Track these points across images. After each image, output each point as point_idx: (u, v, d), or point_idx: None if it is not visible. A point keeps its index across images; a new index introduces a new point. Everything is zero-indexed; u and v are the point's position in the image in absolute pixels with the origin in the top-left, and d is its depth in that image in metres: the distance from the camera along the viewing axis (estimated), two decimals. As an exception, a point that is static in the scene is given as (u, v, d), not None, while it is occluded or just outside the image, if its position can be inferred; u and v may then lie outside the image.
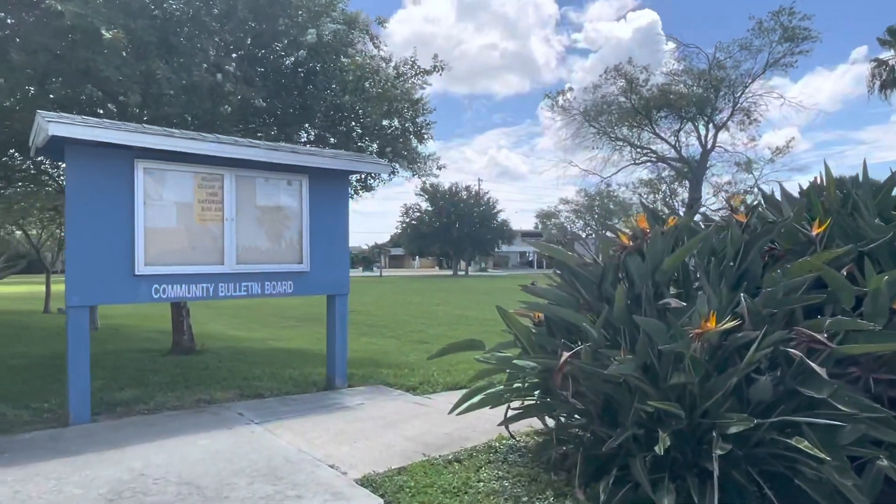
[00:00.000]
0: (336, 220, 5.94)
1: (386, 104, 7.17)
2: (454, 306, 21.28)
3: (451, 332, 13.87)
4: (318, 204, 5.80)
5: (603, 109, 15.84)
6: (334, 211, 5.93)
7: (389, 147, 7.55)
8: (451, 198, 59.44)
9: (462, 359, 8.49)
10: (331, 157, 5.70)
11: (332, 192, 5.92)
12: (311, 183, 5.74)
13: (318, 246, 5.78)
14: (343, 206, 6.00)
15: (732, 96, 14.08)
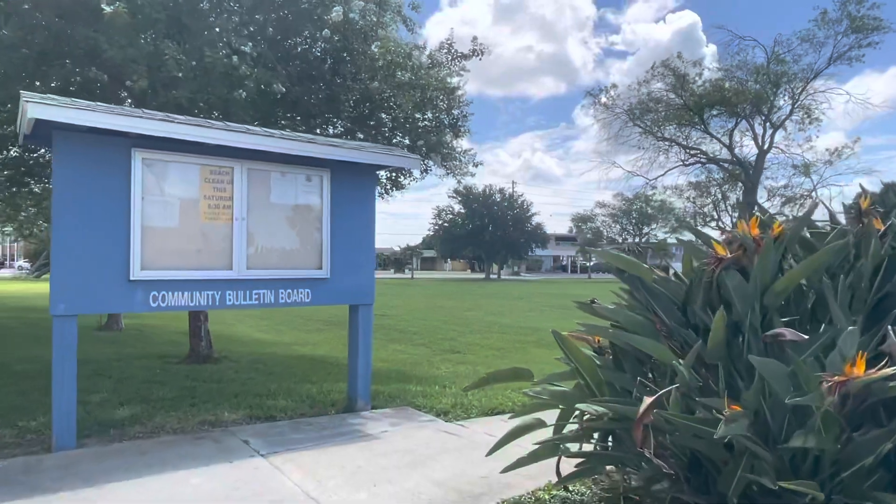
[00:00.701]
0: (361, 221, 5.26)
1: (419, 92, 6.46)
2: (486, 312, 20.52)
3: (483, 340, 13.13)
4: (341, 203, 5.13)
5: (649, 107, 14.86)
6: (359, 211, 5.25)
7: (422, 141, 6.84)
8: (485, 200, 58.64)
9: None
10: (355, 149, 5.02)
11: (357, 189, 5.25)
12: (333, 179, 5.07)
13: (340, 250, 5.10)
14: (369, 206, 5.32)
15: (792, 92, 12.97)
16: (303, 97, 6.47)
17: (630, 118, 15.47)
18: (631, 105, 15.50)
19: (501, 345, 12.42)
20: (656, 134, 15.18)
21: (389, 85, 6.25)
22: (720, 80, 12.67)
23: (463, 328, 15.52)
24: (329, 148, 4.84)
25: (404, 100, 6.37)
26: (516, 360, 10.36)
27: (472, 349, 11.79)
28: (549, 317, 18.92)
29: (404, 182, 8.08)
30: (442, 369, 8.84)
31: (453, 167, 7.94)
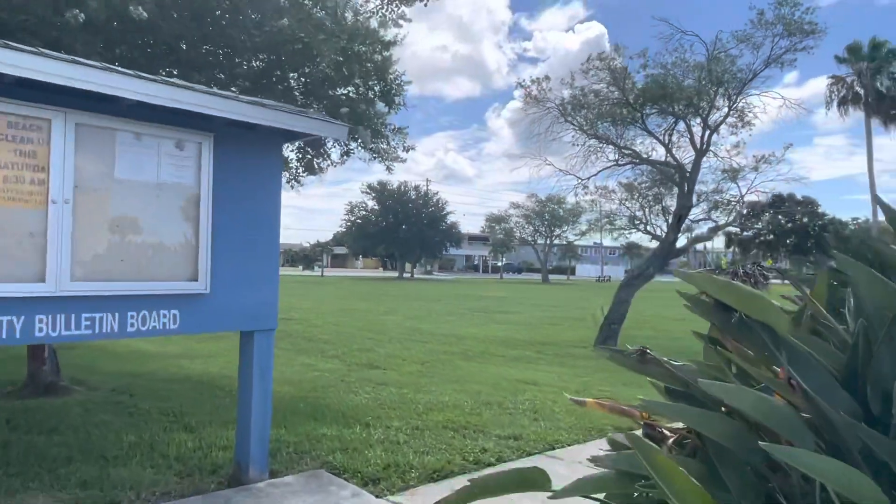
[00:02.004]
0: (260, 212, 3.69)
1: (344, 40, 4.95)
2: (403, 316, 19.07)
3: (404, 351, 11.68)
4: (231, 184, 3.54)
5: (584, 103, 13.93)
6: (258, 197, 3.68)
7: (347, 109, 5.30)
8: (400, 197, 57.13)
9: (438, 400, 5.97)
10: (254, 105, 3.43)
11: (255, 166, 3.67)
12: (218, 148, 3.47)
13: (228, 252, 3.51)
14: (271, 190, 3.75)
15: (728, 94, 12.44)
16: (180, 39, 4.76)
17: (561, 113, 14.44)
18: (563, 100, 14.48)
19: (425, 357, 11.03)
20: (588, 132, 14.24)
21: (303, 28, 4.67)
22: (661, 76, 11.88)
23: (380, 336, 13.99)
24: (214, 99, 3.22)
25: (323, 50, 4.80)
26: (445, 376, 9.01)
27: (392, 363, 10.32)
28: (469, 322, 17.76)
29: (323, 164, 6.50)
30: (361, 394, 7.32)
31: (382, 150, 6.48)
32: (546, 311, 22.79)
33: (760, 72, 12.75)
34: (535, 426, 5.67)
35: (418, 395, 7.29)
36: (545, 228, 60.96)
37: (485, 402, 6.93)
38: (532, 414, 6.32)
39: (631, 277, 12.68)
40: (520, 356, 11.40)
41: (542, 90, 14.70)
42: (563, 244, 65.22)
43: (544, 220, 60.37)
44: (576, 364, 10.55)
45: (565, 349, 12.34)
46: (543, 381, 8.85)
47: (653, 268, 12.82)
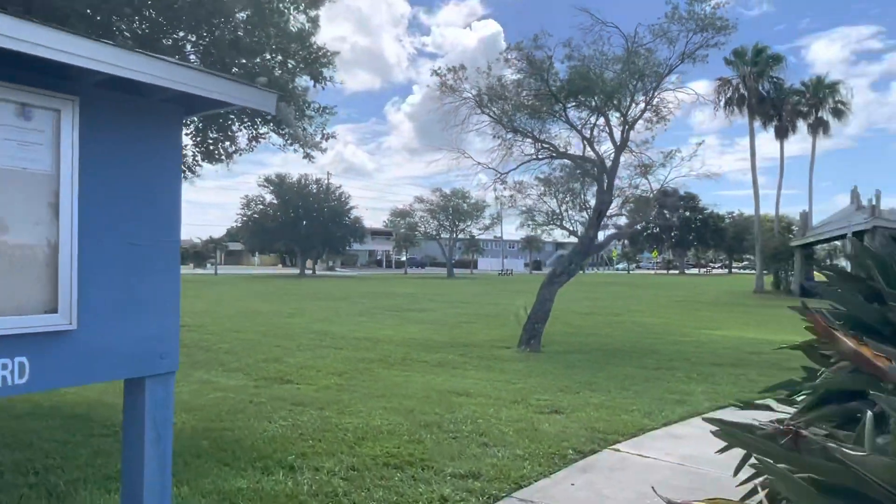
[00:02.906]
0: (153, 208, 2.66)
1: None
2: (310, 317, 17.81)
3: (316, 360, 10.60)
4: (109, 170, 2.49)
5: (501, 94, 13.40)
6: (150, 187, 2.64)
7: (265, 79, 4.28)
8: (300, 191, 54.80)
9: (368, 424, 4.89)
10: (139, 56, 2.38)
11: (145, 145, 2.64)
12: (86, 118, 2.40)
13: (106, 267, 2.46)
14: (169, 179, 2.72)
15: (645, 88, 12.35)
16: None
17: (478, 104, 13.84)
18: (479, 90, 13.89)
19: (341, 366, 10.04)
20: (506, 124, 13.74)
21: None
22: (583, 68, 11.54)
23: (288, 342, 12.78)
24: (75, 41, 2.15)
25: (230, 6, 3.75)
26: (367, 390, 8.10)
27: (306, 375, 9.25)
28: (383, 322, 16.84)
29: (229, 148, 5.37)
30: (277, 421, 6.26)
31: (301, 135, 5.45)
32: (459, 307, 22.30)
33: (676, 67, 12.77)
34: (490, 456, 4.93)
35: (344, 419, 6.35)
36: (450, 223, 60.89)
37: (422, 424, 6.11)
38: (479, 437, 5.58)
39: (553, 275, 12.32)
40: (443, 361, 10.68)
41: (458, 79, 14.02)
42: (466, 238, 65.53)
43: (448, 215, 60.27)
44: (504, 368, 9.98)
45: (489, 351, 11.76)
46: (476, 390, 8.17)
47: (575, 264, 12.54)
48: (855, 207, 34.96)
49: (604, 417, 6.51)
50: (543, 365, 10.26)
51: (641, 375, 9.39)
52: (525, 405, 7.29)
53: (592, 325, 16.94)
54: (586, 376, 9.22)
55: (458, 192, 59.66)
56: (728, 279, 64.84)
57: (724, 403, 7.53)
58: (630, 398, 7.72)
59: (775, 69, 33.23)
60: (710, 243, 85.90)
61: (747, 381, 9.08)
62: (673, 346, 12.90)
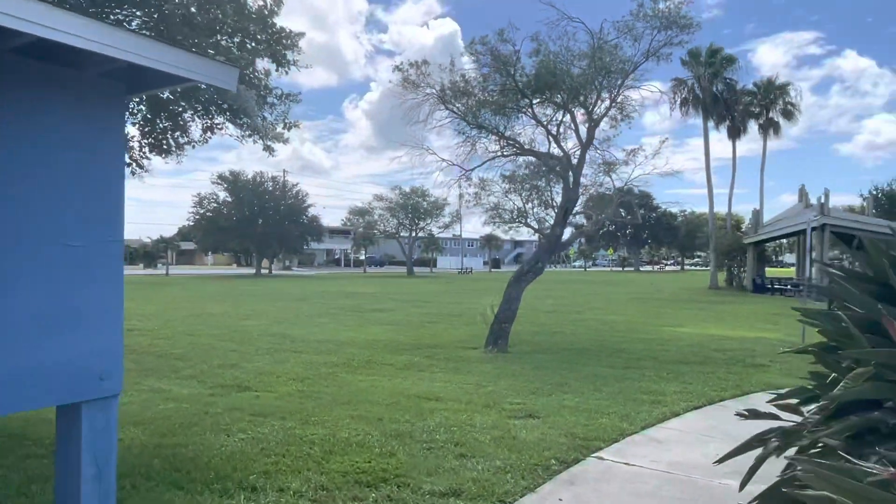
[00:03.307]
0: (90, 199, 2.24)
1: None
2: (268, 319, 17.16)
3: (276, 365, 10.10)
4: (30, 153, 2.06)
5: (465, 89, 13.12)
6: (86, 176, 2.22)
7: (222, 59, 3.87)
8: (255, 188, 53.40)
9: (336, 436, 4.49)
10: (73, 18, 1.97)
11: (77, 128, 2.21)
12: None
13: (26, 271, 2.03)
14: (109, 167, 2.30)
15: (611, 86, 12.26)
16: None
17: (441, 100, 13.54)
18: (443, 85, 13.59)
19: (303, 372, 9.58)
20: (470, 121, 13.48)
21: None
22: (551, 63, 11.35)
23: (245, 347, 12.20)
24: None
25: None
26: (332, 397, 7.70)
27: (265, 382, 8.77)
28: (344, 324, 16.35)
29: (181, 139, 4.86)
30: (235, 435, 5.81)
31: (261, 125, 5.01)
32: (421, 307, 21.94)
33: (641, 64, 12.71)
34: (469, 469, 4.62)
35: (309, 430, 5.95)
36: (409, 221, 60.41)
37: (393, 434, 5.76)
38: (455, 447, 5.27)
39: (520, 274, 12.11)
40: (410, 363, 10.33)
41: (421, 74, 13.66)
42: (425, 237, 65.16)
43: (408, 213, 59.78)
44: (472, 370, 9.70)
45: (455, 352, 11.46)
46: (445, 394, 7.86)
47: (541, 262, 12.35)
48: (803, 205, 36.11)
49: (582, 422, 6.28)
50: (512, 366, 10.02)
51: (612, 375, 9.25)
52: (498, 410, 7.02)
53: (557, 323, 16.85)
54: (557, 377, 9.02)
55: (418, 191, 59.26)
56: (682, 276, 66.37)
57: (699, 403, 7.43)
58: (604, 400, 7.53)
59: (728, 70, 34.06)
60: (663, 241, 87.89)
61: (717, 378, 9.03)
62: (639, 343, 12.86)
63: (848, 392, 2.55)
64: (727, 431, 6.12)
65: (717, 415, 6.92)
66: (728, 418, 6.74)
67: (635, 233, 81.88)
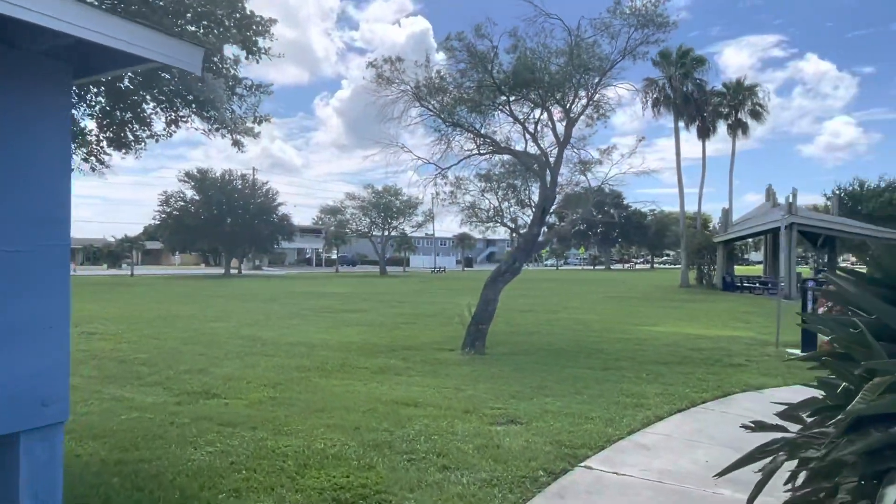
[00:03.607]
0: (28, 198, 1.93)
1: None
2: (238, 321, 16.66)
3: (246, 369, 9.72)
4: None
5: (441, 86, 12.90)
6: (24, 170, 1.92)
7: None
8: (224, 187, 52.31)
9: (311, 447, 4.16)
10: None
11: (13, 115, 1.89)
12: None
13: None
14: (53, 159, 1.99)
15: (588, 84, 12.15)
16: None
17: (416, 97, 13.30)
18: (418, 82, 13.34)
19: (274, 376, 9.23)
20: (446, 118, 13.26)
21: None
22: (529, 59, 11.18)
23: (213, 350, 11.77)
24: None
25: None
26: (305, 404, 7.39)
27: (235, 388, 8.40)
28: (316, 325, 15.97)
29: (142, 134, 4.50)
30: (203, 448, 5.47)
31: (229, 119, 4.67)
32: (395, 307, 21.63)
33: (618, 62, 12.62)
34: (453, 483, 4.38)
35: (282, 441, 5.64)
36: (382, 220, 59.91)
37: (371, 444, 5.49)
38: (437, 458, 5.02)
39: (498, 273, 11.91)
40: (385, 366, 10.05)
41: (396, 70, 13.36)
42: (398, 236, 64.72)
43: (380, 212, 59.27)
44: (450, 373, 9.46)
45: (432, 354, 11.21)
46: (424, 399, 7.61)
47: (519, 262, 12.18)
48: (771, 205, 36.75)
49: (566, 428, 6.09)
50: (491, 368, 9.81)
51: (592, 377, 9.11)
52: (479, 415, 6.80)
53: (533, 323, 16.73)
54: (536, 380, 8.85)
55: (391, 189, 58.81)
56: (652, 274, 67.16)
57: (682, 405, 7.31)
58: (586, 403, 7.37)
59: (698, 71, 34.47)
60: (633, 240, 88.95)
61: (696, 379, 8.95)
62: (615, 343, 12.78)
63: (871, 406, 2.38)
64: (713, 436, 6.00)
65: (701, 417, 6.81)
66: (712, 421, 6.64)
67: (606, 232, 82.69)
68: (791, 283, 26.96)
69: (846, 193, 47.32)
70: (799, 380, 9.26)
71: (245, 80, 4.54)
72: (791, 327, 14.18)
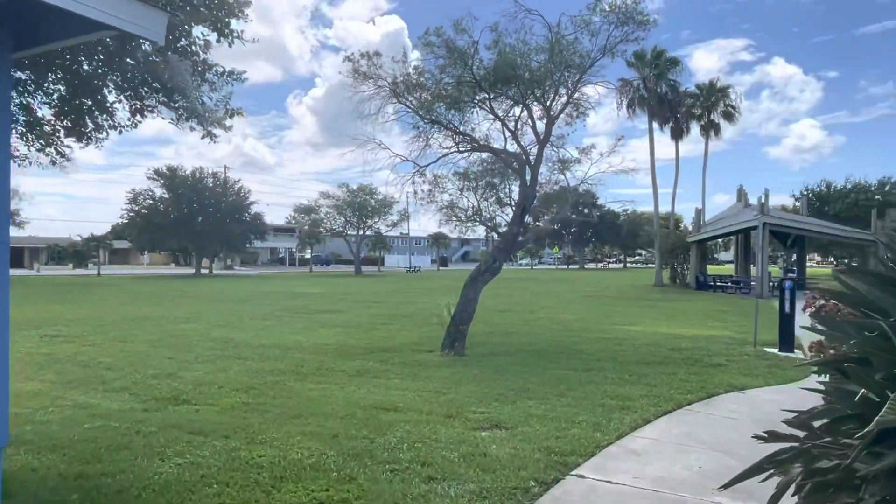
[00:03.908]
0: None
1: None
2: (208, 323, 16.17)
3: (217, 373, 9.34)
4: None
5: (420, 82, 12.68)
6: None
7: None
8: (194, 185, 51.22)
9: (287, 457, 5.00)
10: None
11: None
12: None
13: None
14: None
15: (568, 81, 12.02)
16: None
17: (394, 93, 13.05)
18: (395, 78, 13.10)
19: (247, 381, 8.89)
20: (424, 115, 13.04)
21: None
22: (510, 55, 11.00)
23: (183, 353, 11.35)
24: None
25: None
26: (281, 410, 7.09)
27: (206, 394, 8.04)
28: (291, 326, 15.59)
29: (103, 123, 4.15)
30: (171, 459, 5.13)
31: (200, 108, 4.35)
32: (372, 307, 21.30)
33: (598, 59, 12.50)
34: (440, 496, 4.14)
35: (256, 451, 5.34)
36: (357, 219, 59.33)
37: (351, 453, 5.22)
38: (422, 468, 4.78)
39: (477, 274, 11.71)
40: (363, 369, 9.77)
41: (373, 66, 13.06)
42: (373, 235, 64.17)
43: (355, 211, 58.69)
44: (430, 375, 9.22)
45: (411, 356, 10.96)
46: (404, 404, 7.36)
47: (499, 261, 11.99)
48: (743, 205, 37.29)
49: (553, 433, 5.90)
50: (472, 370, 9.60)
51: (574, 378, 8.95)
52: (462, 420, 6.58)
53: (511, 323, 16.58)
54: (519, 381, 8.66)
55: (366, 188, 58.26)
56: (625, 273, 67.77)
57: (668, 408, 7.18)
58: (571, 406, 7.20)
59: (672, 72, 34.78)
60: (606, 239, 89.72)
61: (679, 380, 8.85)
62: (595, 343, 12.68)
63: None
64: (703, 440, 5.87)
65: (688, 420, 6.69)
66: (700, 424, 6.51)
67: (580, 231, 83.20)
68: (764, 283, 27.31)
69: (814, 194, 48.30)
70: (780, 380, 9.25)
71: (216, 66, 4.23)
72: (767, 326, 14.26)
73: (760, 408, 7.32)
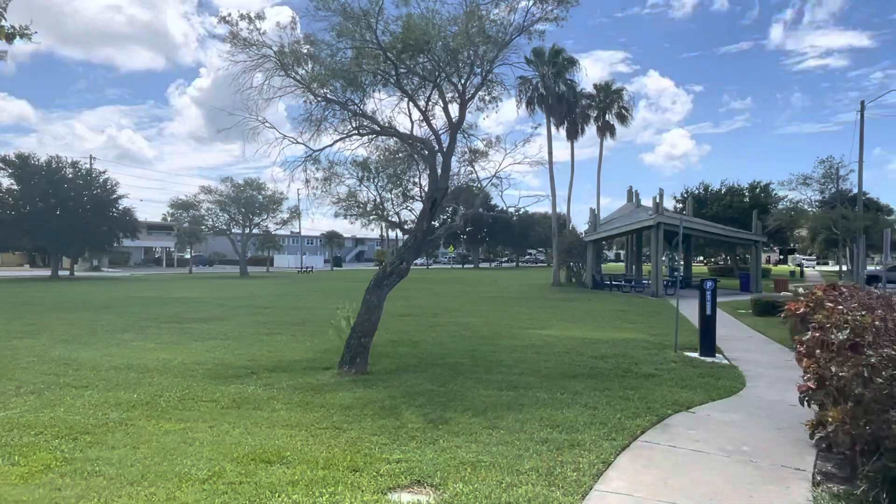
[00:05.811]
0: None
1: None
2: (51, 338, 13.19)
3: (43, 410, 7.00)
4: None
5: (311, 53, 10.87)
6: None
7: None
8: (50, 176, 45.15)
9: None
10: None
11: None
12: None
13: None
14: None
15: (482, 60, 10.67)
16: None
17: (281, 65, 11.12)
18: (282, 47, 11.19)
19: (82, 421, 6.69)
20: (316, 92, 11.26)
21: None
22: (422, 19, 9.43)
23: (4, 381, 8.79)
24: None
25: None
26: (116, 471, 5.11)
27: (14, 444, 5.80)
28: (156, 340, 13.08)
29: None
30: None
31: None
32: (258, 314, 18.89)
33: (515, 38, 11.22)
34: None
35: None
36: (242, 217, 55.27)
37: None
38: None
39: (382, 277, 10.02)
40: (241, 397, 7.82)
41: (255, 30, 10.98)
42: (260, 234, 60.22)
43: (241, 208, 54.64)
44: (326, 403, 7.47)
45: (303, 377, 9.09)
46: (293, 451, 5.59)
47: (406, 262, 10.38)
48: (634, 205, 38.19)
49: (496, 494, 4.40)
50: (378, 393, 7.94)
51: (502, 402, 7.55)
52: (372, 475, 4.93)
53: (415, 330, 15.02)
54: (437, 409, 7.12)
55: (253, 183, 54.44)
56: (519, 272, 68.49)
57: (623, 441, 5.91)
58: (508, 444, 5.76)
59: (570, 72, 34.82)
60: (499, 239, 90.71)
61: (619, 398, 7.72)
62: (512, 353, 11.42)
63: None
64: (686, 490, 4.60)
65: (653, 458, 5.45)
66: (669, 463, 5.20)
67: (474, 231, 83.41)
68: (659, 282, 27.69)
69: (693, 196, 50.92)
70: (720, 392, 8.38)
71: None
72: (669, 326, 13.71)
73: (722, 433, 6.25)
